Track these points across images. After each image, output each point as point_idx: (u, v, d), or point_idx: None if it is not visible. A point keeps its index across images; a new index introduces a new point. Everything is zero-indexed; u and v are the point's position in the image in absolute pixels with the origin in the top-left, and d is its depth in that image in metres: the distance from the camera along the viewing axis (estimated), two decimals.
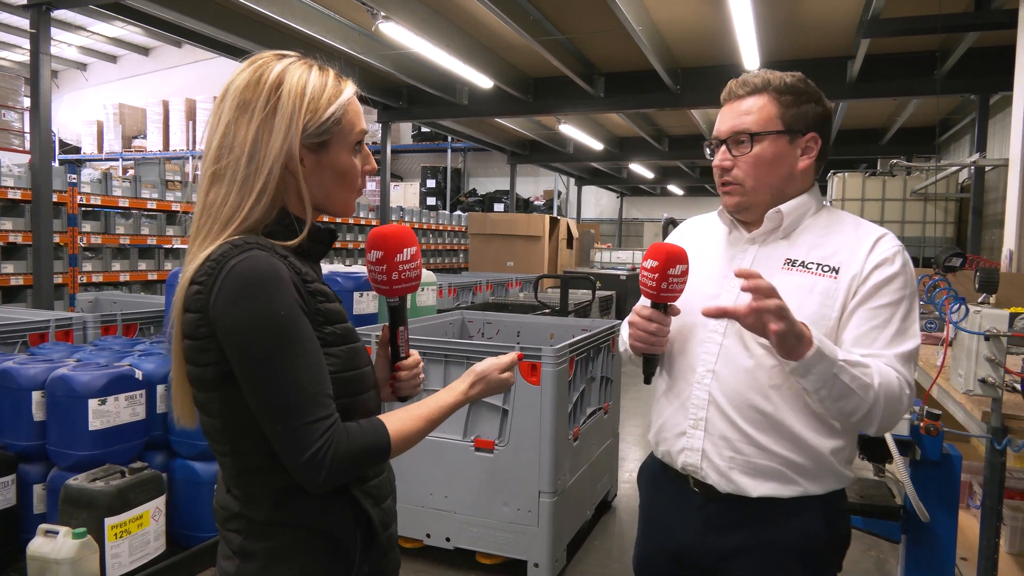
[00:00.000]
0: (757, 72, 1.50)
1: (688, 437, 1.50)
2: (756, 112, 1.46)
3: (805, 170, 1.49)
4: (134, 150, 16.44)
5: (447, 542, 3.34)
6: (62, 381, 2.75)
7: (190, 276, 1.12)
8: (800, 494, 1.43)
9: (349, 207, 1.26)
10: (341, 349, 1.19)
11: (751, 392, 1.42)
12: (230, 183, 1.14)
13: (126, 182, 7.20)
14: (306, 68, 1.19)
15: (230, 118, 1.15)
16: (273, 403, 1.08)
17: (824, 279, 1.42)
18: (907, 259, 1.45)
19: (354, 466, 1.13)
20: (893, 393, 1.33)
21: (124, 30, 15.18)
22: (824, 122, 1.50)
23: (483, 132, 12.96)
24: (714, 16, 6.54)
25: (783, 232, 1.50)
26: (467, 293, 7.58)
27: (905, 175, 7.81)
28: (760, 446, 1.42)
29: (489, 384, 1.34)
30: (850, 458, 1.49)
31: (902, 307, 1.40)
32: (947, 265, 3.64)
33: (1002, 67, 6.00)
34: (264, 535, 1.16)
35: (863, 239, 1.45)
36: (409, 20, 6.42)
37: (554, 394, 3.16)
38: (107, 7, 6.60)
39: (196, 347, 1.12)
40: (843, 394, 1.30)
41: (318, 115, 1.17)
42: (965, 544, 2.59)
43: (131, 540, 2.60)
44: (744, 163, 1.47)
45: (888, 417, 1.36)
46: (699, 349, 1.50)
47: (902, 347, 1.38)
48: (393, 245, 1.27)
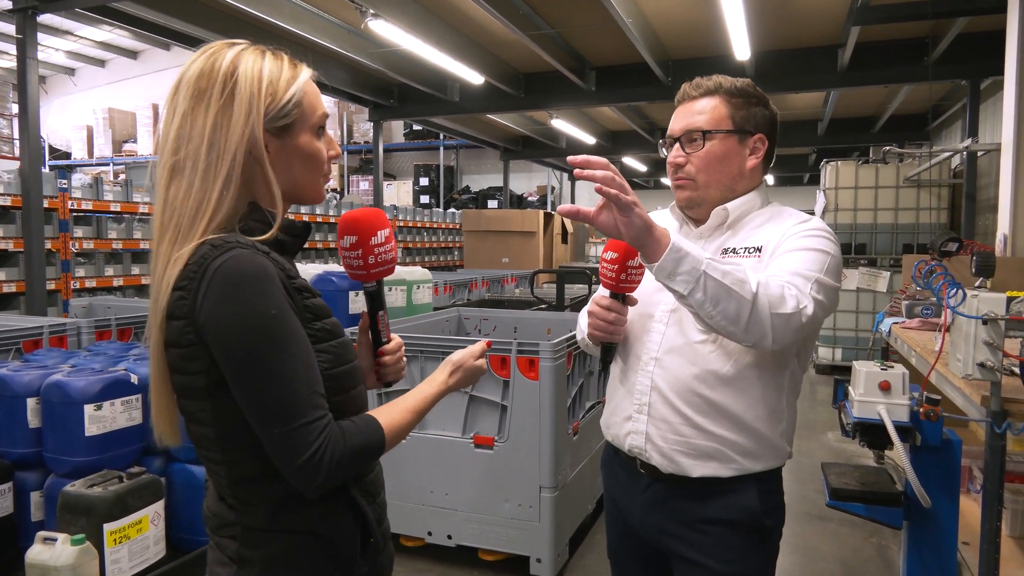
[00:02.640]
0: (710, 76, 1.60)
1: (633, 421, 1.59)
2: (708, 112, 1.56)
3: (753, 169, 1.59)
4: (124, 154, 16.37)
5: (449, 540, 3.34)
6: (57, 387, 2.73)
7: (172, 281, 1.07)
8: (739, 472, 1.51)
9: (319, 193, 1.24)
10: (331, 344, 1.17)
11: (691, 377, 1.51)
12: (191, 174, 1.09)
13: (117, 186, 7.15)
14: (259, 54, 1.16)
15: (186, 108, 1.11)
16: (267, 407, 1.05)
17: (750, 259, 1.52)
18: (829, 236, 1.50)
19: (351, 465, 1.11)
20: (774, 294, 1.34)
21: (112, 33, 15.07)
22: (771, 125, 1.61)
23: (475, 129, 12.93)
24: (704, 7, 6.53)
25: (727, 227, 1.60)
26: (463, 290, 7.56)
27: (898, 162, 7.81)
28: (700, 428, 1.50)
29: (467, 372, 1.37)
30: (789, 435, 1.58)
31: (811, 253, 1.45)
32: (943, 250, 3.64)
33: (992, 52, 6.01)
34: (262, 541, 1.14)
35: (790, 221, 1.55)
36: (398, 17, 6.39)
37: (552, 389, 3.15)
38: (94, 10, 6.55)
39: (183, 355, 1.08)
40: (720, 294, 1.29)
41: (278, 98, 1.14)
42: (967, 529, 2.59)
43: (130, 545, 2.59)
44: (696, 159, 1.57)
45: (780, 321, 1.34)
46: (645, 338, 1.59)
47: (799, 269, 1.42)
48: (366, 228, 1.25)
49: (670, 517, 1.57)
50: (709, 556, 1.53)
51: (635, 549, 1.69)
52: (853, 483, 2.38)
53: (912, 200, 7.88)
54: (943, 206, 7.82)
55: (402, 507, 3.36)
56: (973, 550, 2.42)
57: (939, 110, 10.32)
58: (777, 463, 1.56)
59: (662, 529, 1.59)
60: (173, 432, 1.18)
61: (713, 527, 1.53)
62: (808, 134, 12.13)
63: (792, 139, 12.37)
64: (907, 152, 7.10)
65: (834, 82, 7.99)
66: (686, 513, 1.55)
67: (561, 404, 3.26)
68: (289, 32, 6.91)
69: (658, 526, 1.59)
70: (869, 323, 7.64)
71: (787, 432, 1.57)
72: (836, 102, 9.66)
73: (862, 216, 8.00)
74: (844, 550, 3.71)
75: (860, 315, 7.91)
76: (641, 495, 1.61)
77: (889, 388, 2.12)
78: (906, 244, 7.84)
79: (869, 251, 7.98)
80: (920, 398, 2.20)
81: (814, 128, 11.89)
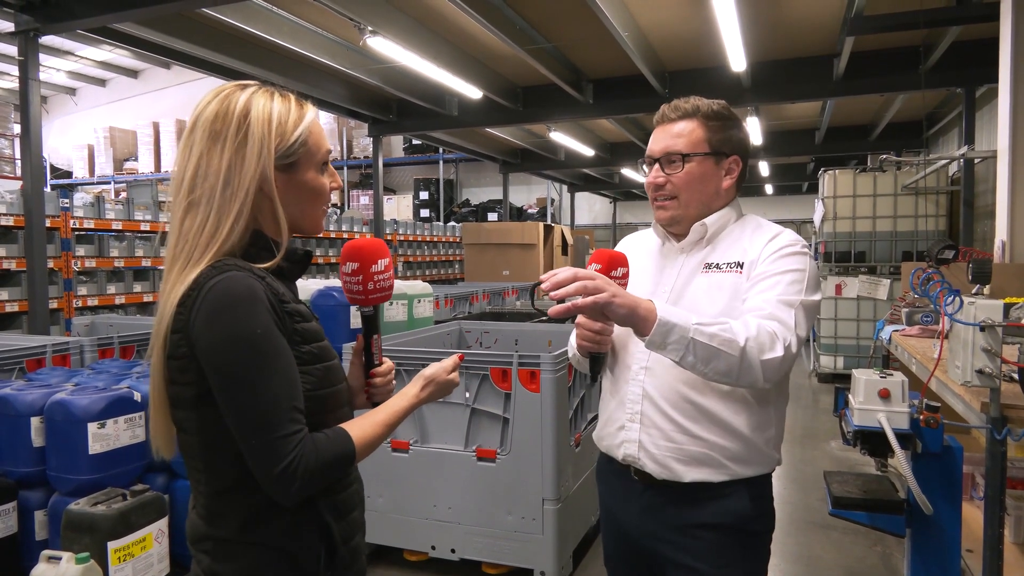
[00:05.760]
0: (688, 99, 1.67)
1: (626, 430, 1.63)
2: (687, 135, 1.63)
3: (728, 188, 1.67)
4: (126, 172, 16.45)
5: (452, 553, 3.33)
6: (60, 406, 2.74)
7: (176, 299, 1.16)
8: (730, 478, 1.56)
9: (318, 225, 1.32)
10: (317, 368, 1.24)
11: (680, 384, 1.56)
12: (206, 208, 1.18)
13: (119, 205, 7.19)
14: (269, 96, 1.25)
15: (202, 148, 1.21)
16: (249, 418, 1.12)
17: (731, 275, 1.59)
18: (803, 247, 1.60)
19: (324, 475, 1.17)
20: (763, 339, 1.43)
21: (112, 53, 15.20)
22: (744, 147, 1.69)
23: (474, 142, 12.98)
24: (699, 19, 6.57)
25: (706, 241, 1.67)
26: (464, 303, 7.57)
27: (895, 170, 7.83)
28: (691, 434, 1.55)
29: (439, 386, 1.42)
30: (777, 443, 1.63)
31: (789, 275, 1.53)
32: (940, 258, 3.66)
33: (986, 60, 6.03)
34: (231, 555, 1.20)
35: (764, 235, 1.62)
36: (396, 34, 6.43)
37: (554, 401, 3.16)
38: (95, 31, 6.60)
39: (177, 367, 1.17)
40: (709, 355, 1.40)
41: (286, 138, 1.23)
42: (970, 536, 2.59)
43: (135, 563, 2.59)
44: (677, 179, 1.63)
45: (769, 366, 1.43)
46: (634, 348, 1.64)
47: (783, 296, 1.50)
48: (368, 256, 1.35)
49: (664, 523, 1.61)
50: (702, 560, 1.57)
51: (629, 556, 1.72)
52: (855, 491, 2.38)
53: (910, 208, 7.90)
54: (941, 213, 7.84)
55: (405, 521, 3.36)
56: (977, 557, 2.42)
57: (935, 118, 10.36)
58: (766, 469, 1.61)
59: (656, 535, 1.62)
60: (169, 444, 1.25)
61: (706, 532, 1.57)
62: (805, 143, 12.16)
63: (790, 148, 12.40)
64: (904, 160, 7.13)
65: (830, 91, 8.02)
66: (679, 518, 1.59)
67: (563, 416, 3.26)
68: (288, 50, 6.96)
69: (652, 532, 1.63)
70: (870, 331, 7.63)
71: (775, 439, 1.62)
72: (833, 111, 9.70)
73: (861, 224, 8.02)
74: (848, 559, 3.70)
75: (861, 323, 7.91)
76: (635, 502, 1.65)
77: (889, 396, 2.12)
78: (905, 251, 7.85)
79: (868, 259, 8.00)
80: (920, 405, 2.20)
81: (811, 137, 11.93)
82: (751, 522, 1.58)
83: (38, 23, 5.87)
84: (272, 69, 7.63)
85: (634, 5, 6.38)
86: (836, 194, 8.09)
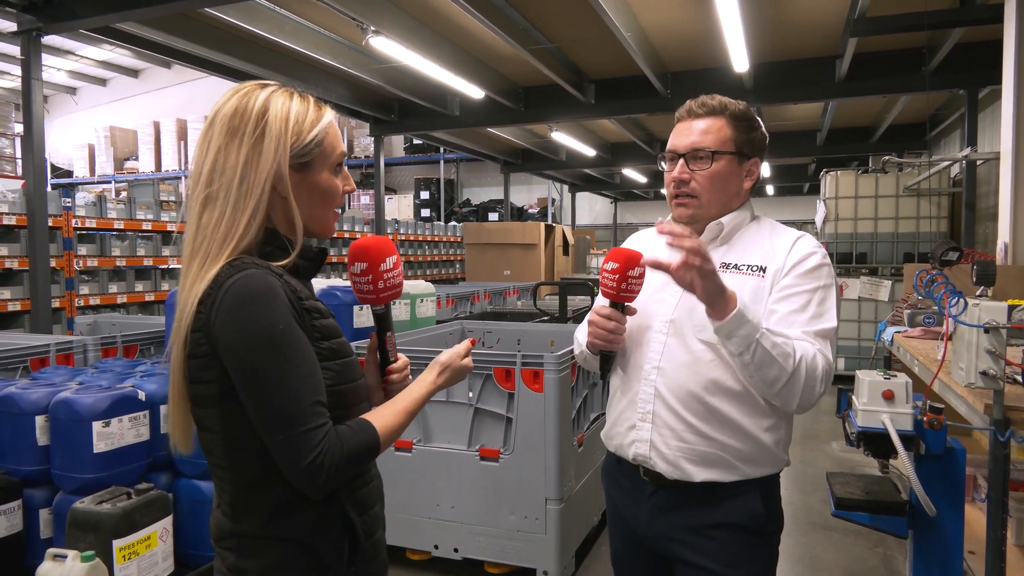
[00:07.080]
0: (713, 96, 1.67)
1: (638, 430, 1.63)
2: (715, 132, 1.62)
3: (747, 190, 1.69)
4: (126, 172, 16.44)
5: (455, 553, 3.34)
6: (65, 405, 2.75)
7: (197, 297, 1.16)
8: (741, 478, 1.57)
9: (328, 227, 1.33)
10: (336, 363, 1.25)
11: (693, 385, 1.56)
12: (223, 204, 1.20)
13: (121, 204, 7.19)
14: (288, 96, 1.26)
15: (220, 144, 1.22)
16: (274, 413, 1.13)
17: (753, 278, 1.59)
18: (824, 255, 1.62)
19: (350, 466, 1.18)
20: (813, 367, 1.48)
21: (113, 53, 15.20)
22: (763, 150, 1.70)
23: (475, 142, 12.98)
24: (702, 20, 6.57)
25: (721, 240, 1.67)
26: (465, 303, 7.57)
27: (897, 171, 7.84)
28: (703, 435, 1.56)
29: (454, 371, 1.43)
30: (786, 444, 1.64)
31: (818, 294, 1.56)
32: (943, 259, 3.66)
33: (989, 62, 6.05)
34: (256, 552, 1.21)
35: (784, 240, 1.63)
36: (399, 34, 6.44)
37: (557, 400, 3.16)
38: (96, 30, 6.61)
39: (198, 365, 1.18)
40: (765, 361, 1.44)
41: (302, 137, 1.24)
42: (972, 538, 2.60)
43: (139, 561, 2.59)
44: (701, 177, 1.62)
45: (808, 391, 1.48)
46: (646, 348, 1.64)
47: (818, 326, 1.53)
48: (376, 255, 1.35)
49: (675, 523, 1.61)
50: (713, 560, 1.57)
51: (638, 555, 1.72)
52: (858, 492, 2.38)
53: (912, 209, 7.91)
54: (943, 215, 7.84)
55: (408, 520, 3.37)
56: (979, 559, 2.43)
57: (937, 119, 10.36)
58: (776, 469, 1.63)
59: (667, 535, 1.62)
60: (186, 440, 1.26)
61: (718, 531, 1.58)
62: (807, 144, 12.17)
63: (791, 149, 12.41)
64: (906, 161, 7.14)
65: (832, 93, 8.02)
66: (691, 518, 1.59)
67: (566, 415, 3.27)
68: (290, 50, 6.96)
69: (663, 532, 1.63)
70: (871, 332, 7.64)
71: (784, 441, 1.63)
72: (835, 112, 9.70)
73: (862, 225, 8.03)
74: (849, 560, 3.71)
75: (862, 324, 7.91)
76: (646, 502, 1.65)
77: (892, 397, 2.13)
78: (907, 253, 7.86)
79: (870, 260, 8.00)
80: (923, 407, 2.21)
81: (813, 138, 11.93)
82: (763, 522, 1.59)
83: (40, 23, 5.88)
84: (274, 69, 7.63)
85: (636, 5, 6.39)
86: (838, 195, 8.10)
